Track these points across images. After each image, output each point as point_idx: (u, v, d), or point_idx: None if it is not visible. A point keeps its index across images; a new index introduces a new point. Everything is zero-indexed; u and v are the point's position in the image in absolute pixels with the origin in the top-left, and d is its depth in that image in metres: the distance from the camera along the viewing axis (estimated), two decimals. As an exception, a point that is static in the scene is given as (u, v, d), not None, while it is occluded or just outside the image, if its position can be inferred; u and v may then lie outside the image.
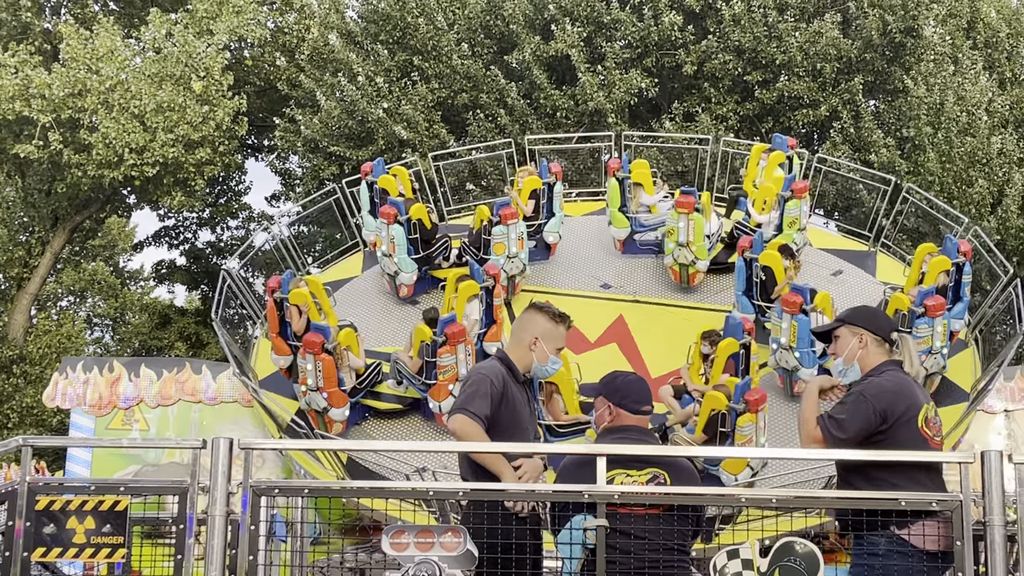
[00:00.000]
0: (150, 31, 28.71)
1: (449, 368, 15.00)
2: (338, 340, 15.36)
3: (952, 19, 29.43)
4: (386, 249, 17.51)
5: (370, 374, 15.80)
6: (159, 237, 37.74)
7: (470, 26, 29.27)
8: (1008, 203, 26.81)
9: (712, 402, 13.87)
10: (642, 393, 6.01)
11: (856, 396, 5.89)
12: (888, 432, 5.83)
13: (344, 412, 15.27)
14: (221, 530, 5.52)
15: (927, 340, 15.19)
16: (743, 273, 16.47)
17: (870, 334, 6.12)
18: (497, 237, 17.24)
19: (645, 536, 5.49)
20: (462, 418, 6.05)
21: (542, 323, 6.51)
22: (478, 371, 6.33)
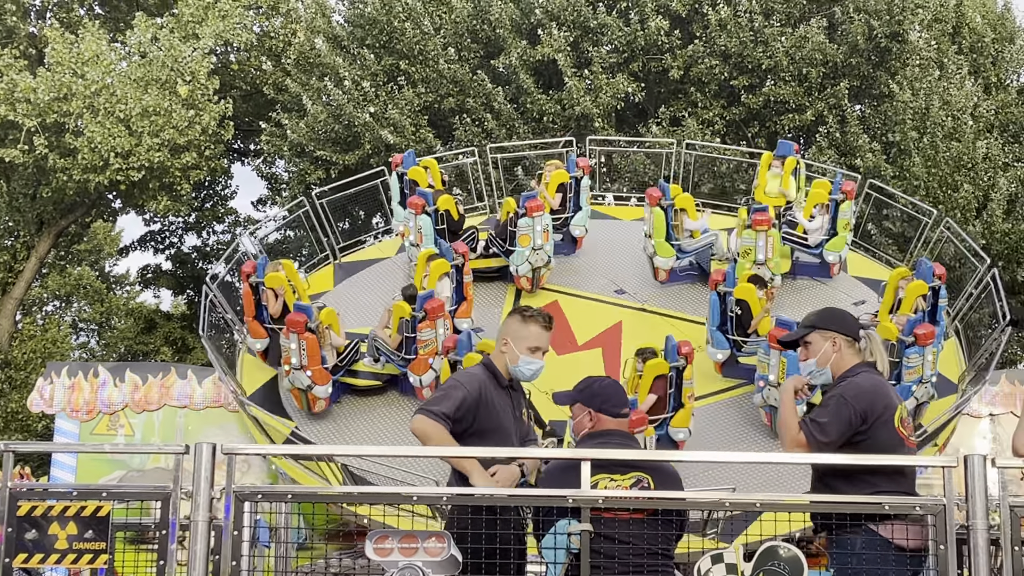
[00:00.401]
0: (136, 35, 28.66)
1: (429, 342, 15.35)
2: (320, 319, 15.63)
3: (937, 24, 29.54)
4: (413, 239, 17.69)
5: (349, 352, 16.04)
6: (145, 242, 37.66)
7: (456, 30, 29.27)
8: (993, 207, 26.89)
9: None
10: (620, 396, 6.03)
11: (836, 399, 5.91)
12: (868, 432, 5.89)
13: (327, 389, 15.57)
14: (204, 536, 5.49)
15: (918, 370, 14.75)
16: (717, 308, 15.82)
17: (843, 337, 6.15)
18: (523, 229, 17.34)
19: (629, 540, 5.48)
20: (421, 418, 6.09)
21: (511, 325, 6.54)
22: (454, 378, 6.37)
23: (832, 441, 5.82)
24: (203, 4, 29.37)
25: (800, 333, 6.26)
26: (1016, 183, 28.08)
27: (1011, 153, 29.22)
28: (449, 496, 5.68)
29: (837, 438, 5.83)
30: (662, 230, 17.73)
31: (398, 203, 18.92)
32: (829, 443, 5.82)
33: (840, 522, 5.59)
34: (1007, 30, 31.19)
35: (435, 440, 6.03)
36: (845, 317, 6.35)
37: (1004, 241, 27.20)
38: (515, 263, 17.56)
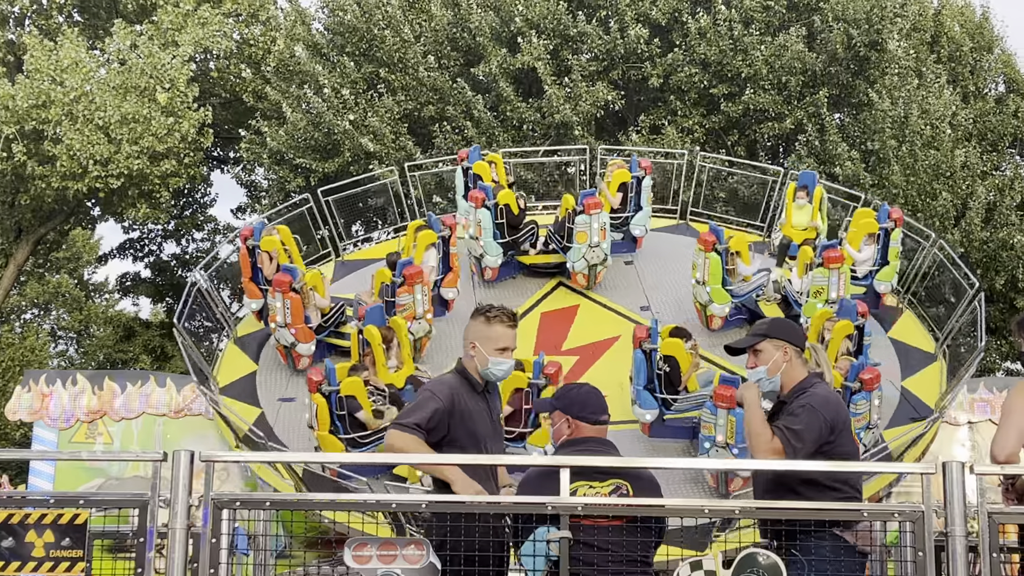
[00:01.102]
0: (115, 42, 28.58)
1: (407, 307, 16.07)
2: (305, 281, 16.42)
3: (916, 33, 29.69)
4: (473, 232, 17.99)
5: (334, 314, 16.77)
6: (124, 249, 37.54)
7: (436, 39, 29.29)
8: (971, 215, 27.02)
9: None
10: (599, 403, 6.02)
11: (807, 408, 5.98)
12: (835, 441, 5.99)
13: (310, 347, 16.43)
14: (182, 543, 5.47)
15: (865, 415, 14.32)
16: (643, 366, 14.76)
17: (792, 347, 6.22)
18: (580, 226, 17.52)
19: (608, 547, 5.47)
20: (395, 432, 6.04)
21: (475, 326, 6.47)
22: (427, 388, 6.29)
23: (806, 448, 5.87)
24: (182, 12, 29.33)
25: (751, 341, 6.32)
26: (994, 191, 28.24)
27: (989, 162, 29.39)
28: (428, 503, 5.66)
29: (811, 446, 5.89)
30: (718, 276, 16.93)
31: (461, 196, 19.19)
32: (804, 450, 5.87)
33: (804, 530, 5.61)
34: (985, 39, 31.38)
35: (411, 451, 6.00)
36: (795, 328, 6.47)
37: (982, 249, 27.34)
38: (572, 259, 17.86)
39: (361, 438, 14.50)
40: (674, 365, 14.76)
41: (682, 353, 14.73)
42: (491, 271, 18.31)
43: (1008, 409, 5.94)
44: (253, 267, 17.09)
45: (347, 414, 14.38)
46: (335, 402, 14.42)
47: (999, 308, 28.30)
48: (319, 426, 14.44)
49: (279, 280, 16.04)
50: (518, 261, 18.57)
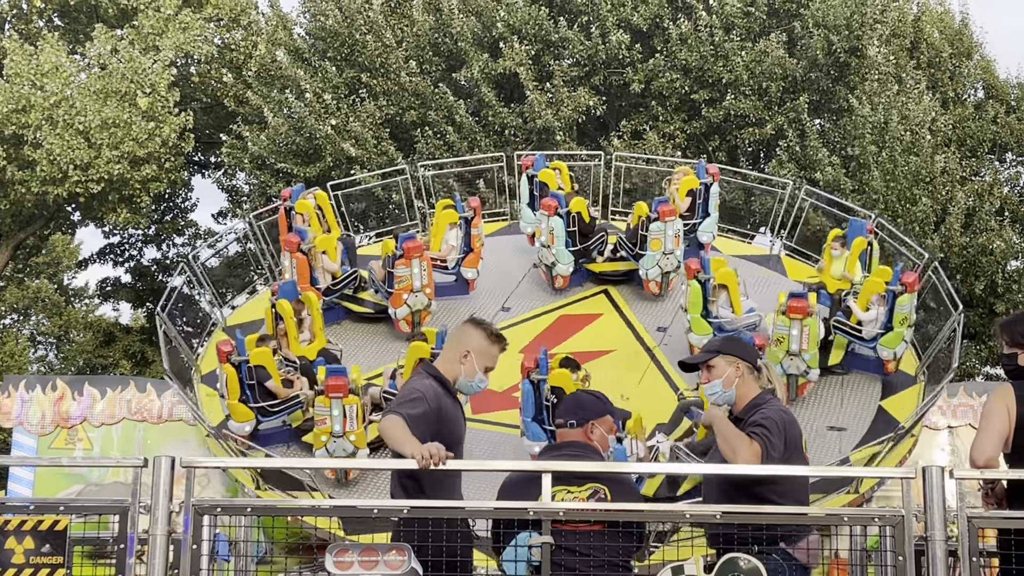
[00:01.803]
0: (95, 47, 28.50)
1: (404, 279, 16.61)
2: (314, 244, 17.08)
3: (896, 39, 29.81)
4: (545, 240, 17.77)
5: (346, 279, 17.45)
6: (104, 254, 37.37)
7: (418, 43, 29.29)
8: (951, 221, 27.14)
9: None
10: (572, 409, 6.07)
11: (771, 421, 6.03)
12: (787, 457, 6.03)
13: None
14: (163, 549, 5.45)
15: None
16: (531, 397, 14.23)
17: (744, 363, 6.28)
18: (654, 233, 17.37)
19: (589, 552, 5.48)
20: (393, 418, 5.97)
21: (477, 339, 6.45)
22: (416, 388, 6.21)
23: (779, 457, 5.92)
24: (163, 16, 29.26)
25: (704, 357, 6.39)
26: (973, 197, 28.38)
27: (968, 167, 29.54)
28: (410, 508, 5.66)
29: (781, 454, 5.94)
30: (698, 305, 16.24)
31: (526, 205, 18.99)
32: (778, 459, 5.92)
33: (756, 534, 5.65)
34: (964, 45, 31.52)
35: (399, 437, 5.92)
36: (747, 346, 6.53)
37: (962, 255, 27.46)
38: (645, 267, 17.62)
39: (270, 407, 14.88)
40: (561, 396, 13.82)
41: (569, 384, 13.99)
42: (562, 279, 18.08)
43: (987, 414, 5.96)
44: (290, 228, 17.84)
45: (256, 383, 14.78)
46: (245, 372, 14.75)
47: (978, 313, 28.42)
48: (229, 395, 14.84)
49: (288, 240, 17.07)
50: (587, 269, 18.33)
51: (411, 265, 16.58)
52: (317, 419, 14.32)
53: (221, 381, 15.05)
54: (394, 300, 16.73)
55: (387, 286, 16.87)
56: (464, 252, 17.98)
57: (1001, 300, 28.33)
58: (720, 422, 6.11)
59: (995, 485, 6.07)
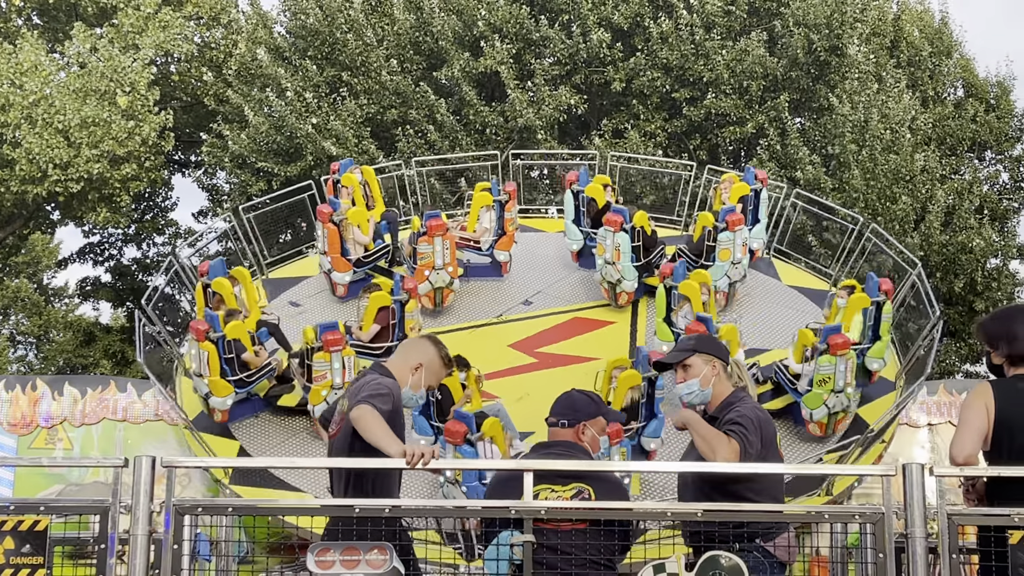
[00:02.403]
0: (75, 46, 28.40)
1: (426, 256, 17.23)
2: (345, 216, 17.69)
3: (876, 38, 29.92)
4: (610, 256, 17.29)
5: (378, 252, 18.22)
6: (84, 254, 37.23)
7: (399, 42, 29.26)
8: (931, 219, 27.25)
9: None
10: (553, 406, 6.07)
11: (747, 419, 6.03)
12: (763, 454, 6.03)
13: (345, 277, 17.83)
14: (144, 549, 5.44)
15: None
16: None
17: (720, 362, 6.30)
18: (723, 243, 17.21)
19: (571, 551, 5.48)
20: (369, 408, 5.95)
21: (432, 355, 6.53)
22: (382, 384, 6.20)
23: (757, 452, 5.93)
24: (143, 15, 29.17)
25: (680, 356, 6.37)
26: (953, 195, 28.50)
27: (948, 166, 29.68)
28: (391, 508, 5.65)
29: (759, 451, 5.96)
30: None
31: (571, 221, 18.53)
32: (755, 454, 5.93)
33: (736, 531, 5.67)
34: (944, 44, 31.65)
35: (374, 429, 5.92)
36: (719, 344, 6.57)
37: (942, 252, 27.57)
38: (715, 277, 17.02)
39: (247, 378, 15.41)
40: (446, 394, 14.43)
41: (455, 383, 14.45)
42: (627, 296, 17.65)
43: (966, 411, 5.98)
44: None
45: (235, 356, 15.28)
46: (223, 347, 15.20)
47: (958, 311, 28.55)
48: (210, 372, 15.15)
49: (320, 211, 17.71)
50: (645, 284, 17.69)
51: (433, 243, 17.09)
52: (316, 375, 14.95)
53: (200, 360, 15.16)
54: (416, 276, 17.25)
55: (412, 262, 17.57)
56: (497, 234, 18.40)
57: (980, 298, 28.47)
58: (696, 422, 6.10)
59: (975, 482, 6.09)
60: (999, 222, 30.22)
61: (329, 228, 17.61)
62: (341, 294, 17.93)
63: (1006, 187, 31.65)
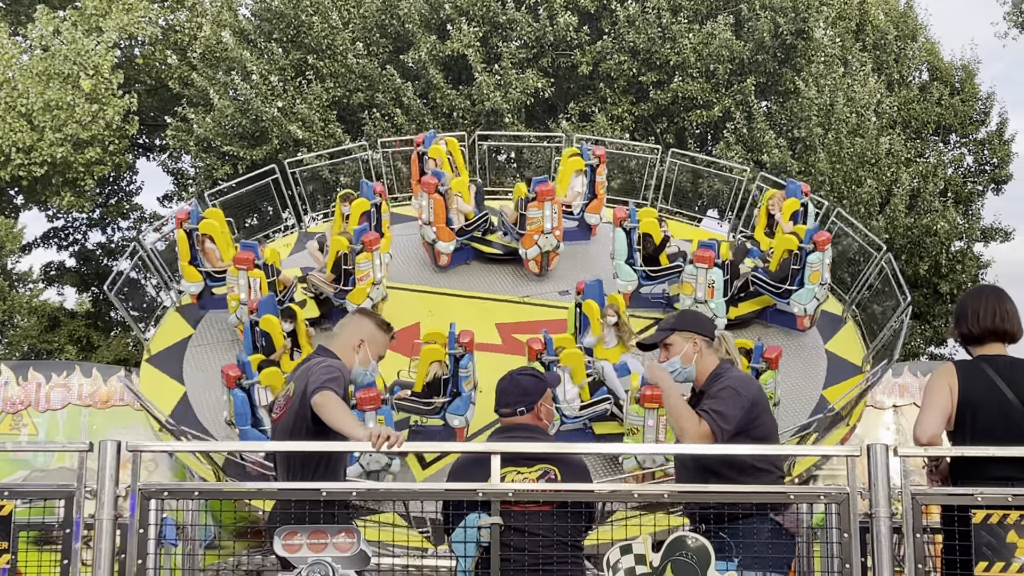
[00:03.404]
0: (37, 28, 28.16)
1: (536, 220, 17.31)
2: (450, 185, 17.76)
3: (842, 21, 30.03)
4: (702, 295, 16.11)
5: (478, 221, 18.26)
6: (48, 238, 36.95)
7: (365, 25, 29.15)
8: (896, 202, 27.38)
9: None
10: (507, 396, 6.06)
11: (728, 390, 6.08)
12: (757, 419, 6.10)
13: (449, 247, 17.90)
14: (109, 534, 5.41)
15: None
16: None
17: (701, 337, 6.34)
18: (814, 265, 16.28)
19: (538, 532, 5.50)
20: (332, 394, 5.97)
21: (369, 327, 6.56)
22: (333, 367, 6.22)
23: (732, 428, 5.96)
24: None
25: (660, 336, 6.42)
26: (918, 178, 28.65)
27: (913, 149, 29.82)
28: (357, 492, 5.65)
29: (736, 426, 5.98)
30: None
31: (624, 261, 16.98)
32: (730, 430, 5.95)
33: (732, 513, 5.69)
34: (909, 28, 31.80)
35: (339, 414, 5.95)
36: (702, 319, 6.59)
37: (907, 235, 27.71)
38: (802, 301, 16.37)
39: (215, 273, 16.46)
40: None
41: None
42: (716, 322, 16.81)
43: (929, 392, 6.03)
44: (422, 172, 18.55)
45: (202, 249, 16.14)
46: (194, 238, 16.28)
47: (923, 293, 28.73)
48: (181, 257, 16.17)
49: (426, 182, 17.58)
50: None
51: (543, 207, 17.20)
52: (359, 275, 16.03)
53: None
54: (525, 241, 17.47)
55: (518, 228, 17.65)
56: (588, 198, 18.63)
57: (945, 280, 28.66)
58: (667, 393, 6.13)
59: (939, 462, 6.14)
60: (963, 205, 30.41)
61: (436, 199, 17.56)
62: (444, 263, 18.07)
63: (970, 170, 31.82)
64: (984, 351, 6.08)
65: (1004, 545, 5.39)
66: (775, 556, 5.73)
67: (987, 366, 5.99)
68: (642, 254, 17.03)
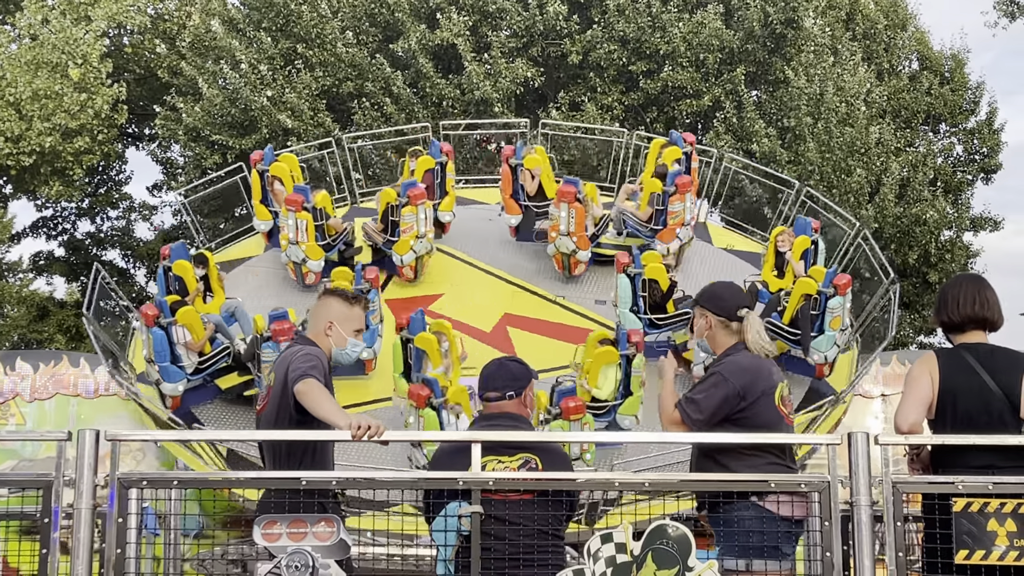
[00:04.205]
0: (26, 17, 28.06)
1: (678, 213, 17.27)
2: (586, 192, 17.49)
3: (832, 11, 30.02)
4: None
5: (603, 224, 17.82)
6: (37, 228, 36.86)
7: (355, 14, 29.09)
8: (885, 192, 27.40)
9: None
10: (495, 380, 6.04)
11: (715, 376, 6.05)
12: (747, 409, 6.02)
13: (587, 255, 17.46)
14: (88, 523, 5.40)
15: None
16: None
17: (713, 316, 6.31)
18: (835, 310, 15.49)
19: (519, 522, 5.49)
20: (313, 381, 5.95)
21: (336, 306, 6.49)
22: (310, 355, 6.20)
23: (706, 419, 5.93)
24: (95, -14, 28.86)
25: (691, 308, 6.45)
26: (907, 168, 28.67)
27: (903, 138, 29.83)
28: (339, 480, 5.64)
29: (711, 415, 5.95)
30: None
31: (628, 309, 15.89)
32: (704, 420, 5.93)
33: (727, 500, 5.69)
34: (899, 17, 31.80)
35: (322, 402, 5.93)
36: (722, 296, 6.46)
37: (896, 225, 27.73)
38: (822, 349, 15.57)
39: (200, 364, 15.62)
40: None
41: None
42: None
43: (910, 381, 6.04)
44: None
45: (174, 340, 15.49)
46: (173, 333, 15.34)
47: (912, 283, 28.77)
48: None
49: (563, 191, 17.13)
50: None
51: (684, 200, 17.21)
52: (403, 227, 16.80)
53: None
54: (665, 235, 17.32)
55: (653, 224, 17.40)
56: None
57: (934, 270, 28.70)
58: (663, 382, 6.17)
59: (920, 451, 6.14)
60: (953, 194, 30.45)
61: (576, 208, 17.21)
62: (580, 272, 17.79)
63: (960, 159, 31.87)
64: (965, 339, 6.08)
65: (984, 533, 5.40)
66: (759, 544, 5.72)
67: (968, 354, 5.99)
68: (647, 301, 15.79)
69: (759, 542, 5.68)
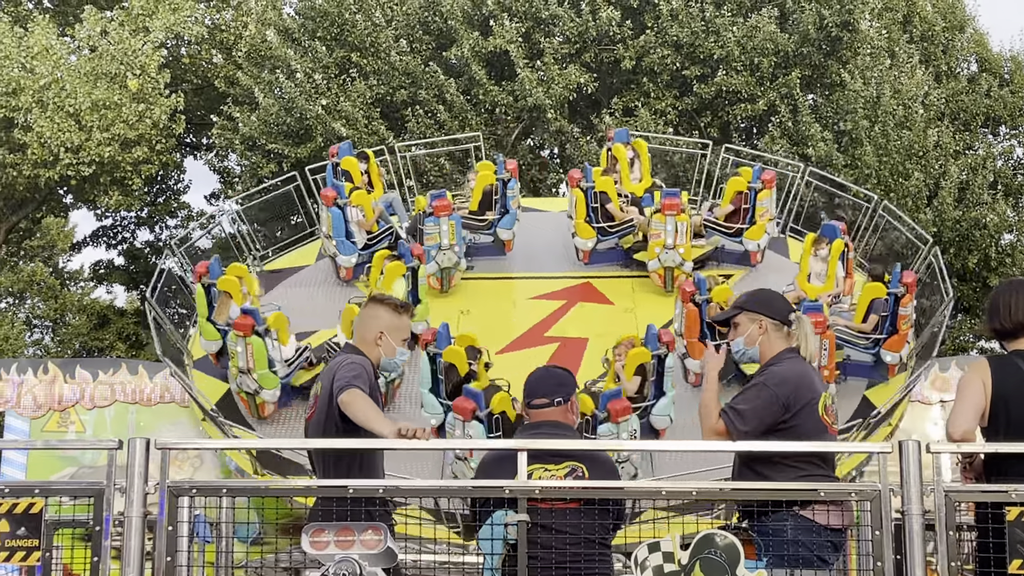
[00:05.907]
0: (85, 29, 28.41)
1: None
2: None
3: (888, 13, 29.76)
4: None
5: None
6: (97, 237, 37.34)
7: (408, 22, 29.21)
8: (944, 195, 27.09)
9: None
10: (542, 388, 5.97)
11: (759, 387, 5.91)
12: (791, 420, 5.86)
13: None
14: (138, 531, 5.44)
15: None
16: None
17: (769, 320, 6.15)
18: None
19: (566, 530, 5.48)
20: (358, 391, 5.97)
21: (386, 316, 6.47)
22: (355, 364, 6.21)
23: (751, 429, 5.82)
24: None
25: (730, 313, 6.30)
26: (967, 171, 28.33)
27: (961, 141, 29.49)
28: (385, 488, 5.65)
29: (756, 426, 5.82)
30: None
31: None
32: (749, 432, 5.81)
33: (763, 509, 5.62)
34: (957, 19, 31.46)
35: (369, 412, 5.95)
36: (774, 300, 6.34)
37: (955, 228, 27.42)
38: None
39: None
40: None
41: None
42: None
43: (962, 388, 5.94)
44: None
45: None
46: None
47: (972, 287, 28.42)
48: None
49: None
50: None
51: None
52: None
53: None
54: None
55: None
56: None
57: (995, 274, 28.31)
58: (707, 389, 6.06)
59: (972, 459, 6.05)
60: (1013, 197, 30.05)
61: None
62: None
63: (1020, 162, 31.46)
64: (1018, 345, 5.98)
65: (1039, 542, 5.31)
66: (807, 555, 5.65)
67: (1020, 360, 5.90)
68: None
69: (806, 552, 5.62)
